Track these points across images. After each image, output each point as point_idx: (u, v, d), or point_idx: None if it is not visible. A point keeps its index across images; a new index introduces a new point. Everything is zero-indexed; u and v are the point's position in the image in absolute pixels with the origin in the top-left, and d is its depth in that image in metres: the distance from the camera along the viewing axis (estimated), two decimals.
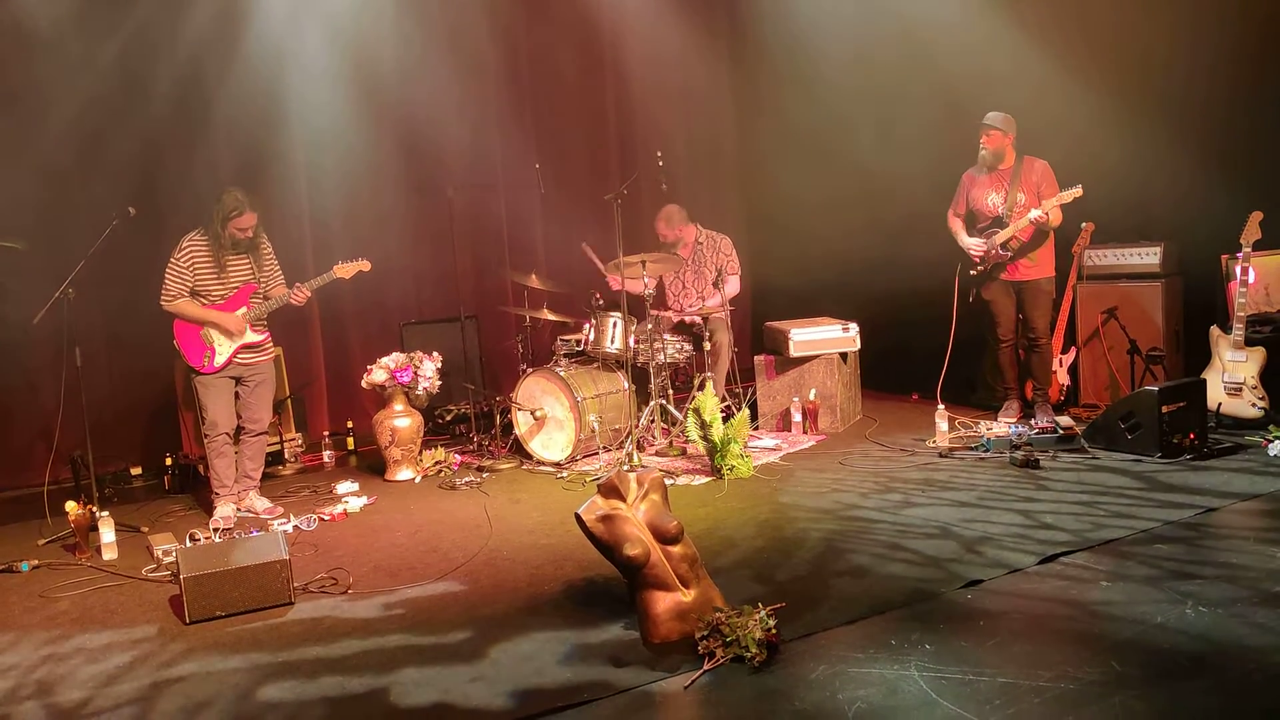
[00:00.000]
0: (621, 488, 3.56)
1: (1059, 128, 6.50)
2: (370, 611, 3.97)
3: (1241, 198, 5.82)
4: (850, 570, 4.01)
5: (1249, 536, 4.09)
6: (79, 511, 4.98)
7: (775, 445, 6.34)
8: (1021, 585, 3.74)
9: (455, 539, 4.89)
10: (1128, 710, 2.75)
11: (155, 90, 6.54)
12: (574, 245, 7.04)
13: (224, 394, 5.44)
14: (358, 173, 7.32)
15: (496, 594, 4.06)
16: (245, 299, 5.43)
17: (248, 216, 5.29)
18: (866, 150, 7.64)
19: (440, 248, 7.63)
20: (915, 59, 7.27)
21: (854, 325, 6.82)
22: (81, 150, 6.36)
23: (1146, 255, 6.51)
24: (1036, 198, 6.14)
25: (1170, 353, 6.37)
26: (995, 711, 2.77)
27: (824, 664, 3.16)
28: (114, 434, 6.47)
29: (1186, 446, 5.30)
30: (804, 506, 4.99)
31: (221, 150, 6.79)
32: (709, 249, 7.08)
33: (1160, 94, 6.33)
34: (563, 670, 3.28)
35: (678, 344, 6.60)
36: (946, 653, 3.16)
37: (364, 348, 7.17)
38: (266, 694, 3.29)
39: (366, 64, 7.26)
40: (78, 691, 3.41)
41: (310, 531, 5.17)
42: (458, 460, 6.46)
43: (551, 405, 6.25)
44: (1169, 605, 3.42)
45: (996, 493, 4.94)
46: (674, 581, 3.42)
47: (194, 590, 3.95)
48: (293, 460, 6.77)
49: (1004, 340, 6.46)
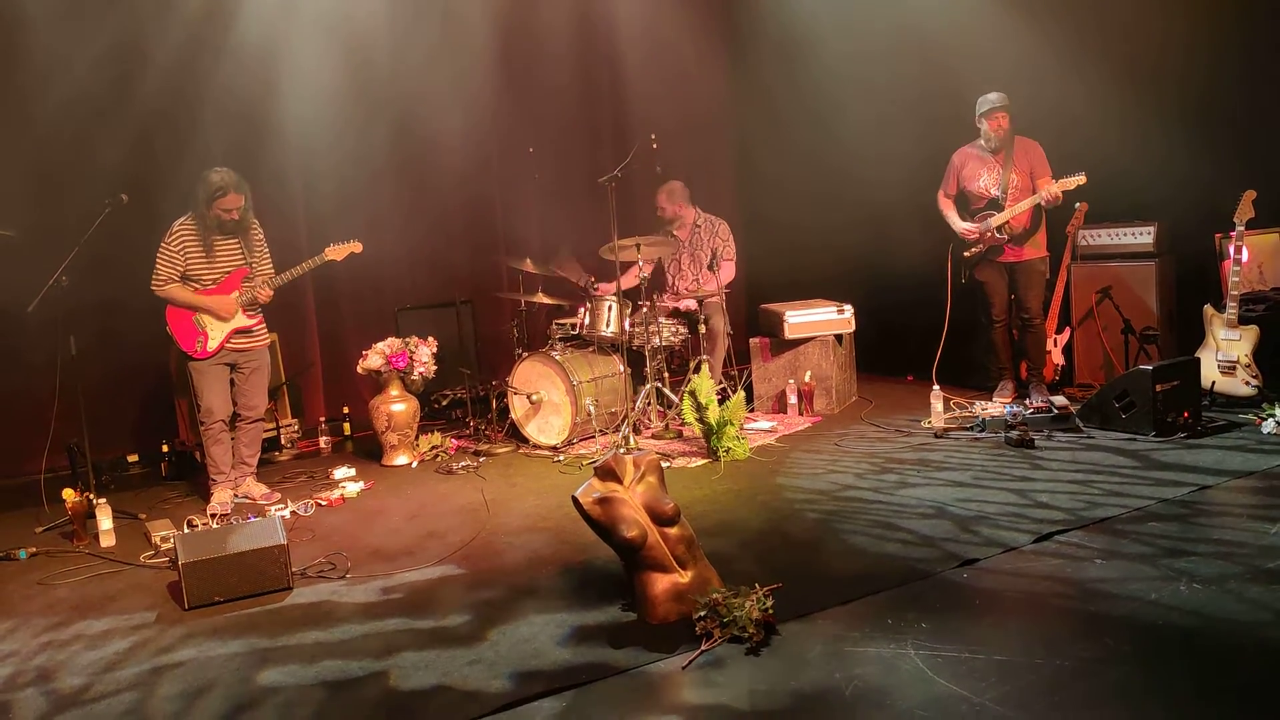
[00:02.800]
0: (618, 470, 3.57)
1: (1052, 109, 6.50)
2: (368, 596, 3.98)
3: (1234, 176, 5.82)
4: (847, 550, 4.03)
5: (1242, 514, 4.12)
6: (76, 499, 4.98)
7: (771, 427, 6.36)
8: (1017, 564, 3.76)
9: (452, 523, 4.90)
10: (1123, 686, 2.77)
11: (147, 76, 6.49)
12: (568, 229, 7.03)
13: (219, 381, 5.43)
14: (351, 157, 7.28)
15: (494, 577, 4.07)
16: (237, 283, 5.41)
17: (232, 197, 5.24)
18: (860, 132, 7.62)
19: (435, 232, 7.61)
20: (908, 41, 7.25)
21: (849, 307, 6.83)
22: (73, 137, 6.32)
23: (1140, 235, 6.52)
24: (1030, 179, 6.14)
25: (1164, 332, 6.39)
26: (991, 689, 2.79)
27: (821, 643, 3.18)
28: (110, 421, 6.46)
29: (1180, 425, 5.32)
30: (800, 488, 5.01)
31: (214, 135, 6.75)
32: (706, 232, 7.08)
33: (1153, 73, 6.32)
34: (561, 652, 3.29)
35: (673, 327, 6.60)
36: (943, 631, 3.18)
37: (359, 333, 7.15)
38: (266, 678, 3.30)
39: (359, 47, 7.21)
40: (77, 678, 3.42)
41: (307, 517, 5.17)
42: (454, 445, 6.47)
43: (548, 389, 6.25)
44: (1163, 582, 3.44)
45: (992, 472, 4.96)
46: (671, 563, 3.43)
47: (192, 576, 3.95)
48: (289, 446, 6.78)
49: (997, 321, 6.47)
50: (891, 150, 7.36)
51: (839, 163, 7.74)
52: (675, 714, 2.83)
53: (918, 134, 7.19)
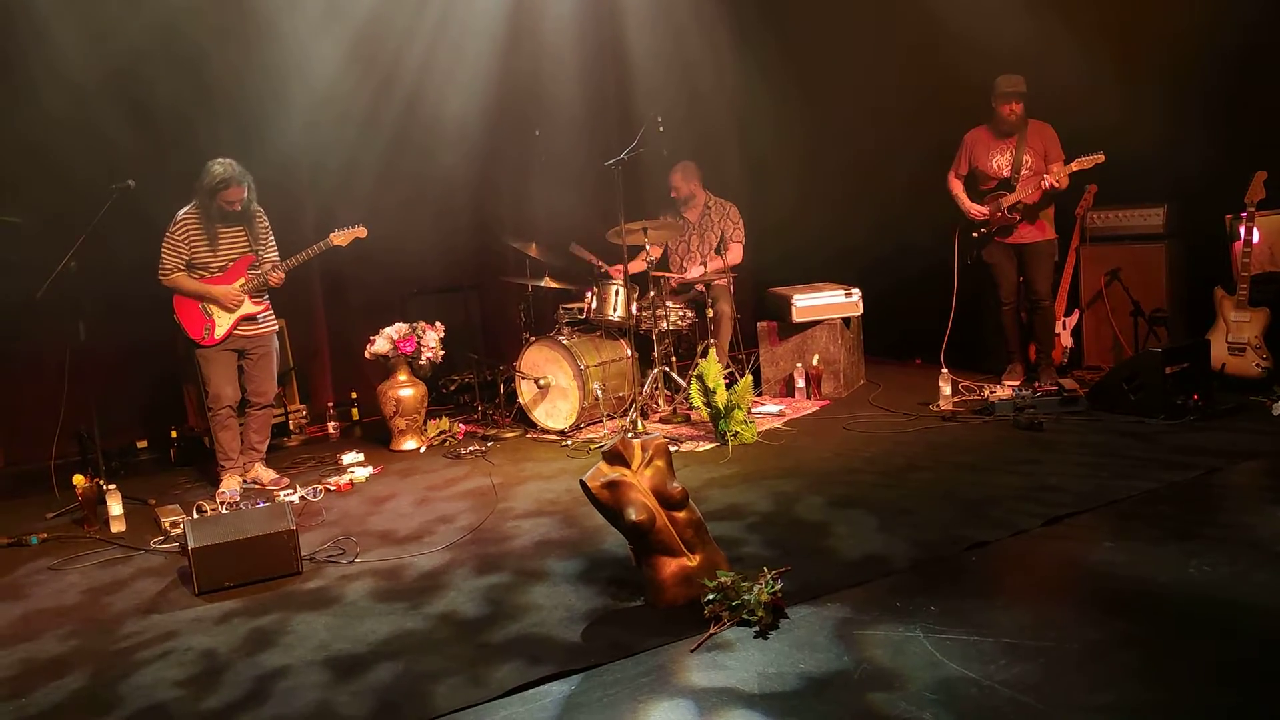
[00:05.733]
0: (626, 454, 3.56)
1: (1063, 90, 6.43)
2: (377, 580, 3.99)
3: (1245, 157, 5.78)
4: (855, 533, 4.02)
5: (1252, 496, 4.10)
6: (86, 485, 5.01)
7: (779, 411, 6.35)
8: (1026, 547, 3.76)
9: (460, 507, 4.91)
10: (1132, 669, 2.77)
11: (153, 59, 6.46)
12: (575, 213, 7.00)
13: (226, 367, 5.44)
14: (357, 141, 7.25)
15: (502, 561, 4.08)
16: (243, 270, 5.42)
17: (235, 189, 5.23)
18: (868, 115, 7.58)
19: (441, 217, 7.59)
20: (916, 21, 7.18)
21: (857, 290, 6.80)
22: (79, 122, 6.31)
23: (1150, 216, 6.48)
24: (1043, 161, 6.11)
25: (1174, 314, 6.36)
26: (1000, 671, 2.79)
27: (830, 626, 3.18)
28: (119, 408, 6.48)
29: (1190, 407, 5.30)
30: (808, 471, 5.00)
31: (220, 119, 6.72)
32: (717, 214, 7.06)
33: (1163, 54, 6.25)
34: (569, 635, 3.30)
35: (680, 311, 6.59)
36: (951, 614, 3.18)
37: (367, 318, 7.14)
38: (275, 662, 3.31)
39: (365, 31, 7.17)
40: (89, 663, 3.44)
41: (316, 502, 5.19)
42: (462, 430, 6.48)
43: (555, 374, 6.25)
44: (1172, 565, 3.43)
45: (1000, 455, 4.95)
46: (679, 546, 3.43)
47: (202, 561, 3.97)
48: (297, 432, 6.79)
49: (1006, 303, 6.45)
50: (899, 132, 7.32)
51: (846, 145, 7.69)
52: (684, 697, 2.83)
53: (926, 115, 7.15)
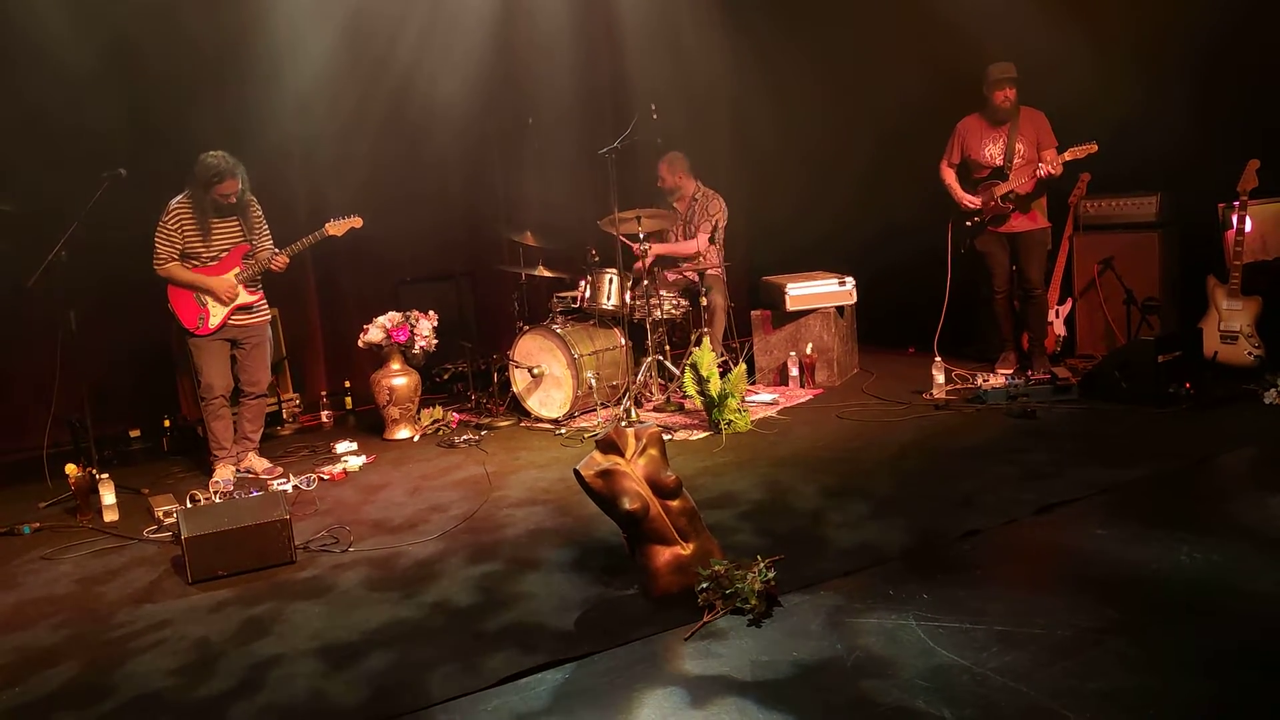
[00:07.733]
0: (620, 443, 3.56)
1: (1056, 77, 6.42)
2: (371, 569, 3.99)
3: (1238, 146, 5.78)
4: (848, 522, 4.03)
5: (1243, 484, 4.12)
6: (79, 474, 4.99)
7: (772, 399, 6.36)
8: (1018, 534, 3.78)
9: (454, 496, 4.91)
10: (1123, 656, 2.78)
11: (145, 49, 6.42)
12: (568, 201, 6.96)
13: (219, 357, 5.43)
14: (350, 130, 7.22)
15: (496, 550, 4.08)
16: (238, 260, 5.40)
17: (229, 183, 5.21)
18: (860, 103, 7.57)
19: (434, 205, 7.57)
20: (910, 9, 7.16)
21: (850, 279, 6.80)
22: (70, 110, 6.27)
23: (1142, 205, 6.48)
24: (1035, 149, 6.11)
25: (1166, 303, 6.37)
26: (993, 659, 2.80)
27: (823, 614, 3.19)
28: (111, 397, 6.45)
29: (1182, 396, 5.31)
30: (801, 459, 5.01)
31: (213, 109, 6.69)
32: (701, 206, 7.04)
33: (1157, 41, 6.24)
34: (563, 624, 3.31)
35: (674, 299, 6.58)
36: (944, 602, 3.19)
37: (360, 307, 7.13)
38: (269, 649, 3.32)
39: (357, 17, 7.14)
40: (83, 652, 3.44)
41: (310, 491, 5.19)
42: (456, 418, 6.48)
43: (549, 362, 6.25)
44: (1164, 552, 3.44)
45: (993, 444, 4.96)
46: (673, 535, 3.44)
47: (196, 550, 3.97)
48: (291, 420, 6.78)
49: (998, 291, 6.45)
50: (893, 121, 7.30)
51: (840, 133, 7.68)
52: (678, 685, 2.84)
53: (920, 104, 7.13)
